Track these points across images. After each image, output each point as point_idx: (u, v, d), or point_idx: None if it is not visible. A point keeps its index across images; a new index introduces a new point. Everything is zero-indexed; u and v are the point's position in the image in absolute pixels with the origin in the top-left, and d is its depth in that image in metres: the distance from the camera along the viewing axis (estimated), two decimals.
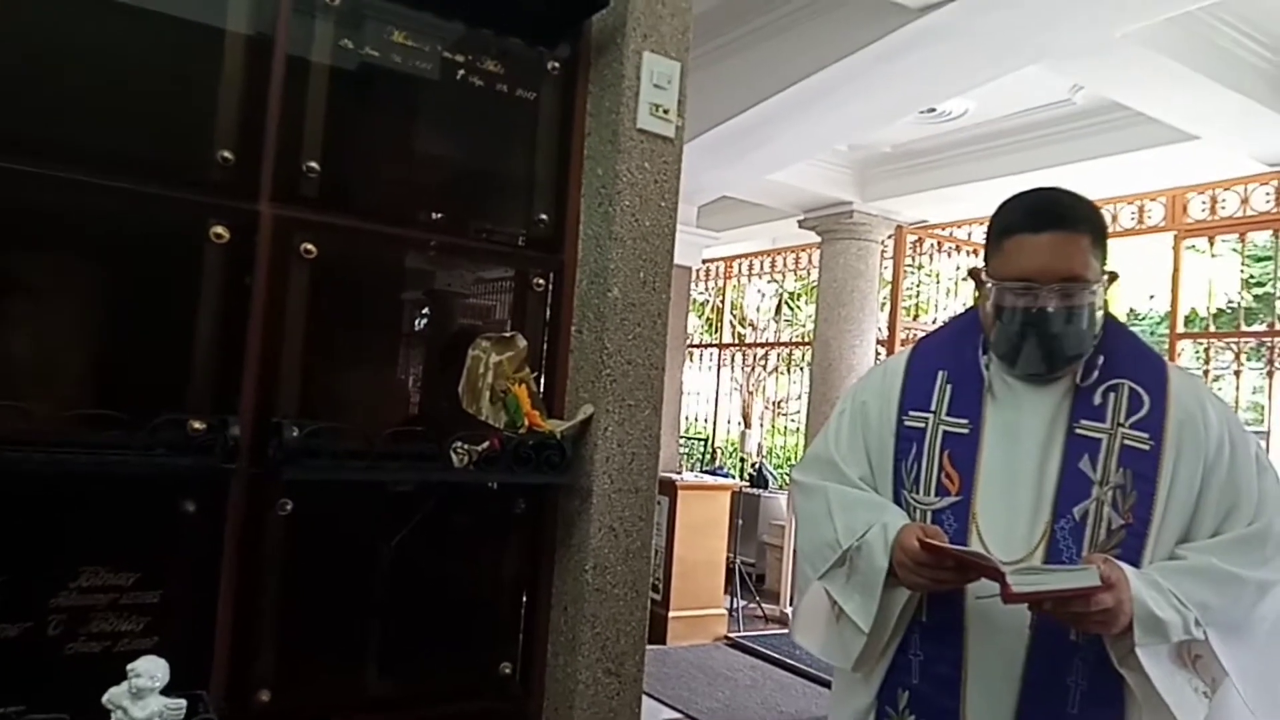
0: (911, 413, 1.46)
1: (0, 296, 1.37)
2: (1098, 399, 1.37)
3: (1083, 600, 1.19)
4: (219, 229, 1.48)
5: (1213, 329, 5.37)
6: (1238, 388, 4.97)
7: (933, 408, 1.45)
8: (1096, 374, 1.38)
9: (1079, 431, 1.35)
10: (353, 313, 1.66)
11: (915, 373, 1.50)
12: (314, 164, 1.57)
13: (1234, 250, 5.34)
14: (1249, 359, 5.08)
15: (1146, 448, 1.33)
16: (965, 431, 1.41)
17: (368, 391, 1.70)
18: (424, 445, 1.59)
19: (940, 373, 1.47)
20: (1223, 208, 5.10)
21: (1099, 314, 1.35)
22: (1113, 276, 1.38)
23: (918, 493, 1.41)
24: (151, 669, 1.22)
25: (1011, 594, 1.17)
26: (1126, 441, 1.33)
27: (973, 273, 1.45)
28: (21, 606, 1.34)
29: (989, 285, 1.39)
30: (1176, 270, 5.17)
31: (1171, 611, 1.23)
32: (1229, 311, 6.74)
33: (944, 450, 1.41)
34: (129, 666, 1.22)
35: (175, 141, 1.48)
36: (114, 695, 1.22)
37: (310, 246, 1.56)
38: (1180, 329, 5.27)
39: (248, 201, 1.52)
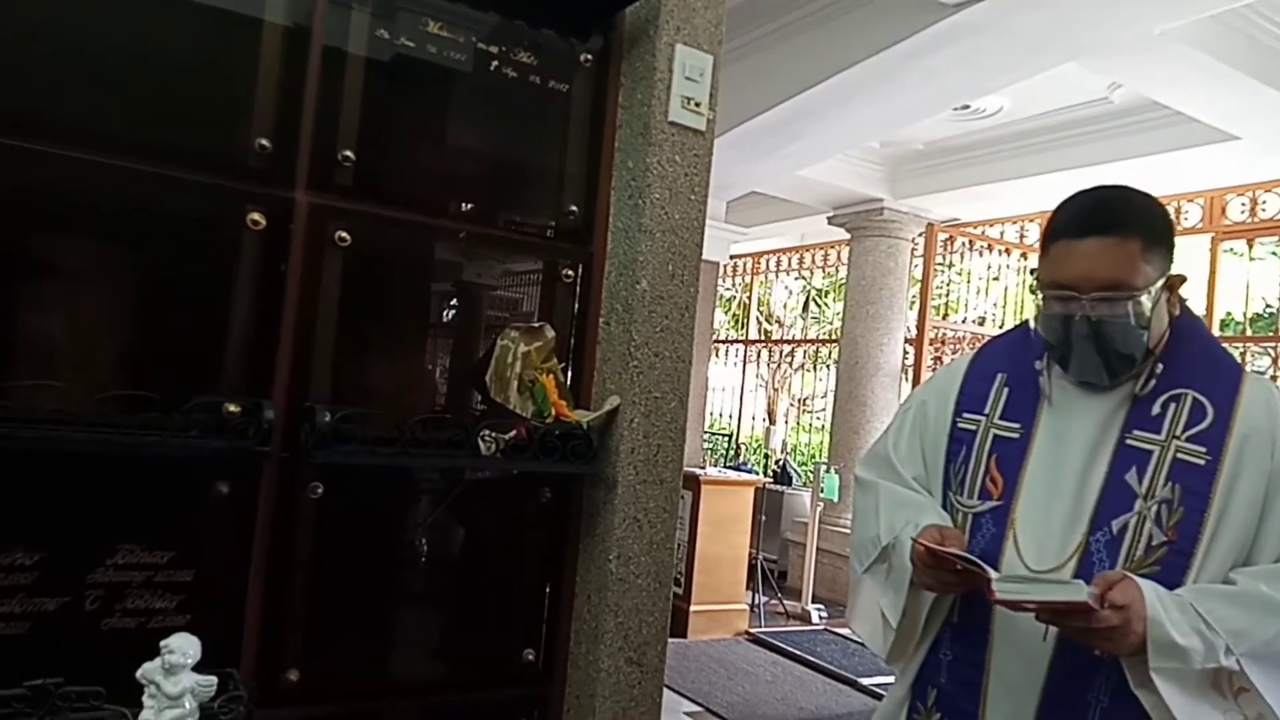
0: (966, 414, 1.45)
1: (41, 280, 1.41)
2: (1156, 409, 1.31)
3: (1083, 616, 1.15)
4: (255, 216, 1.50)
5: (1249, 333, 5.28)
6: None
7: (986, 410, 1.43)
8: (1154, 383, 1.32)
9: (1129, 442, 1.30)
10: (384, 300, 1.68)
11: (975, 375, 1.48)
12: (349, 153, 1.58)
13: (1273, 254, 5.24)
14: None
15: (1201, 462, 1.26)
16: (1015, 436, 1.38)
17: (398, 378, 1.71)
18: (452, 432, 1.61)
19: (999, 375, 1.45)
20: (1263, 209, 5.01)
21: (1150, 319, 1.28)
22: (1178, 279, 1.32)
23: (963, 495, 1.40)
24: (184, 646, 1.24)
25: (994, 598, 1.17)
26: (1180, 455, 1.27)
27: (1033, 272, 1.44)
28: (60, 582, 1.38)
29: (1035, 291, 1.36)
30: (1213, 273, 5.08)
31: (1195, 637, 1.17)
32: (1266, 316, 6.62)
33: (992, 454, 1.39)
34: (162, 643, 1.24)
35: (214, 129, 1.50)
36: (147, 670, 1.25)
37: (344, 234, 1.58)
38: (1215, 333, 5.18)
39: (284, 189, 1.54)
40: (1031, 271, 1.42)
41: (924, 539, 1.28)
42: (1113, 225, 1.28)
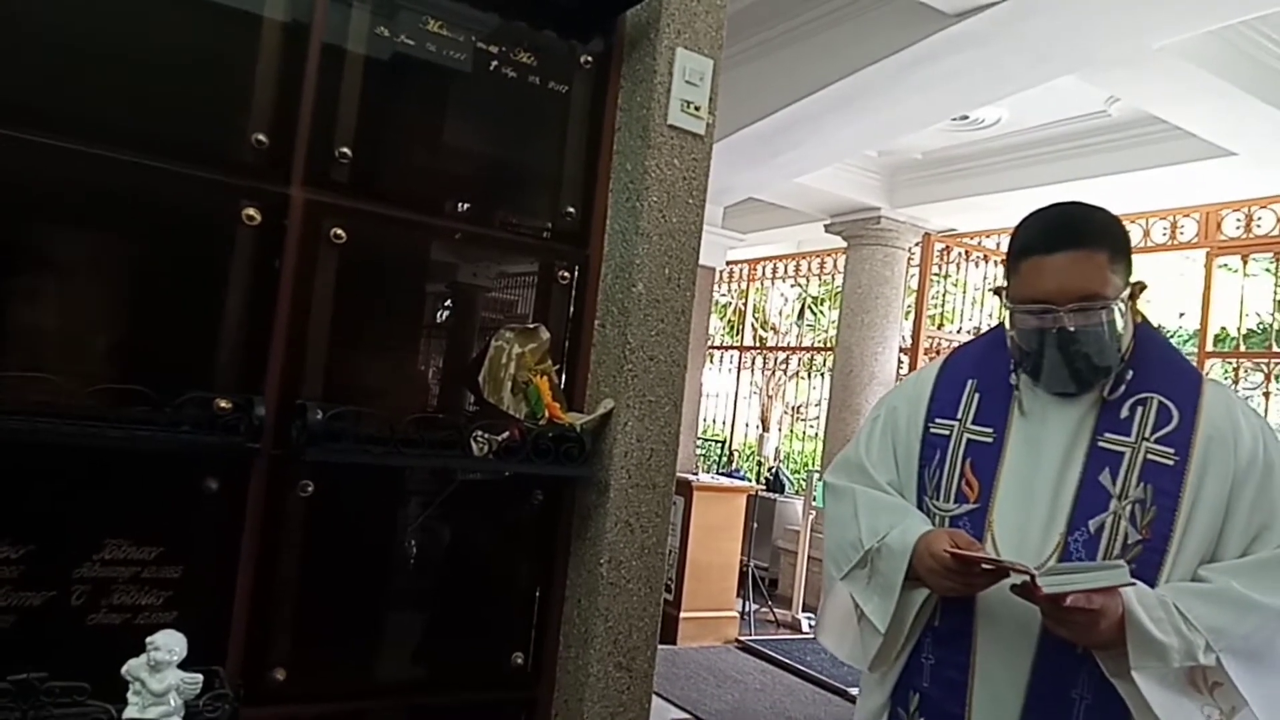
0: (938, 420, 1.47)
1: (33, 271, 1.40)
2: (1124, 412, 1.36)
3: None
4: (250, 211, 1.49)
5: (1243, 349, 5.30)
6: (1267, 409, 4.89)
7: (959, 415, 1.45)
8: (1124, 388, 1.37)
9: (1101, 444, 1.34)
10: (379, 299, 1.67)
11: (945, 381, 1.51)
12: (346, 150, 1.58)
13: (1267, 270, 5.26)
14: None
15: (1170, 463, 1.31)
16: (989, 440, 1.41)
17: (391, 377, 1.71)
18: (445, 433, 1.60)
19: (970, 381, 1.48)
20: (1258, 226, 5.03)
21: (1122, 328, 1.34)
22: (1139, 287, 1.37)
23: (938, 499, 1.42)
24: (170, 643, 1.23)
25: (1042, 595, 1.18)
26: (1150, 456, 1.32)
27: (997, 291, 1.46)
28: (46, 576, 1.36)
29: (1008, 309, 1.39)
30: (1208, 288, 5.09)
31: (1174, 635, 1.21)
32: (1260, 331, 6.64)
33: (966, 458, 1.41)
34: (148, 640, 1.23)
35: (211, 124, 1.49)
36: (132, 667, 1.24)
37: (340, 231, 1.57)
38: (1210, 347, 5.20)
39: (280, 185, 1.53)
40: (996, 291, 1.44)
41: (938, 545, 1.29)
42: (1080, 238, 1.32)
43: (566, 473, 1.73)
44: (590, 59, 1.83)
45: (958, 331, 6.38)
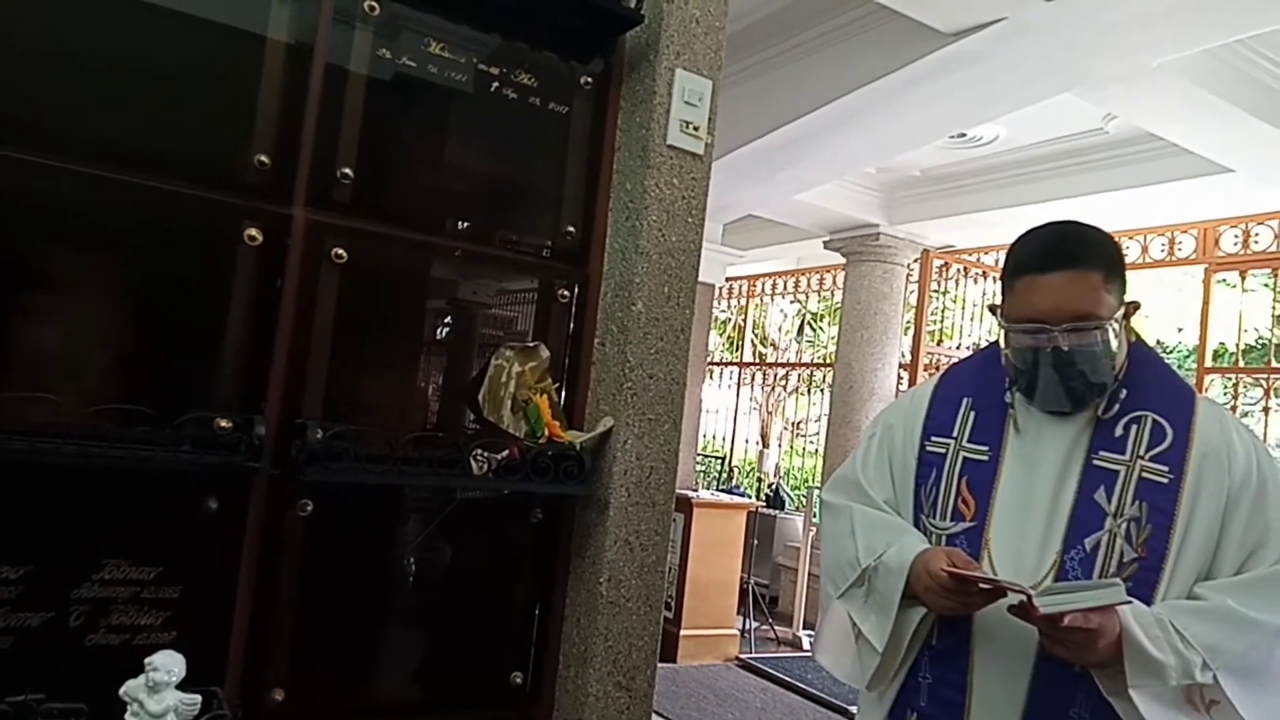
0: (934, 438, 1.47)
1: (35, 291, 1.40)
2: (1119, 430, 1.36)
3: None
4: (253, 231, 1.50)
5: (1242, 364, 5.30)
6: (1266, 425, 4.89)
7: (954, 434, 1.46)
8: (1118, 407, 1.37)
9: (1096, 463, 1.35)
10: (380, 318, 1.68)
11: (941, 399, 1.51)
12: (348, 170, 1.59)
13: (1265, 286, 5.27)
14: (1279, 396, 4.99)
15: (1165, 481, 1.31)
16: (985, 459, 1.41)
17: (391, 396, 1.71)
18: (445, 451, 1.60)
19: (965, 400, 1.48)
20: (1256, 242, 5.04)
21: (1116, 347, 1.34)
22: (1133, 306, 1.37)
23: (934, 517, 1.42)
24: (169, 663, 1.23)
25: (1039, 615, 1.18)
26: (1145, 474, 1.32)
27: (992, 309, 1.46)
28: (45, 597, 1.36)
29: (1003, 327, 1.39)
30: (1206, 304, 5.10)
31: (1171, 654, 1.21)
32: (1259, 347, 6.65)
33: (962, 476, 1.42)
34: (147, 660, 1.23)
35: (214, 144, 1.50)
36: (131, 688, 1.23)
37: (341, 251, 1.57)
38: (1209, 363, 5.20)
39: (282, 205, 1.54)
40: (992, 308, 1.44)
41: (936, 564, 1.29)
42: (1075, 258, 1.33)
43: (566, 491, 1.73)
44: (590, 80, 1.85)
45: (957, 347, 6.39)
